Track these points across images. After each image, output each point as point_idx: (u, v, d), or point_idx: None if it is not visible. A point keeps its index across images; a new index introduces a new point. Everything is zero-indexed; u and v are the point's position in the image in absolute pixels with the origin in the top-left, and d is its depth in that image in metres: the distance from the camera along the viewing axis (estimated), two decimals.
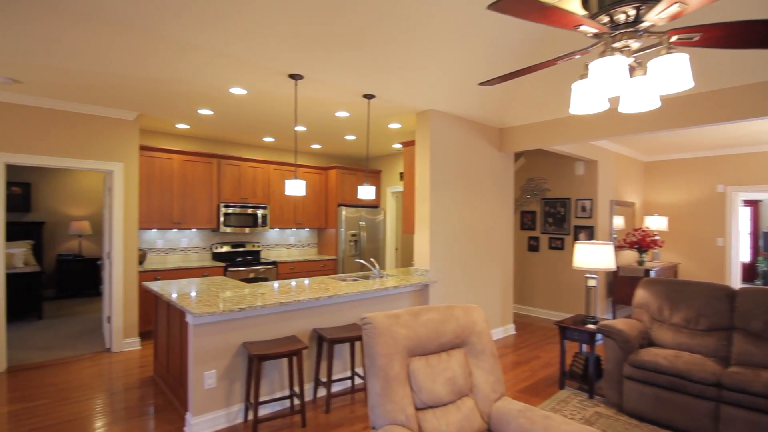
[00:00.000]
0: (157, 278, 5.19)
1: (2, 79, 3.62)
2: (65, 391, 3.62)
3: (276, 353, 2.89)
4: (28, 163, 4.18)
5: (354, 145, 6.66)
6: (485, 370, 2.25)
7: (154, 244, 5.73)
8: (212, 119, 5.05)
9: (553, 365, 4.44)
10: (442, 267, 4.63)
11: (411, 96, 4.08)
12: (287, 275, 6.42)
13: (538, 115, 4.80)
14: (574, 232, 6.30)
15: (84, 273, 7.84)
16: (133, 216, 4.80)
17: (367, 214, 7.25)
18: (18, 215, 7.49)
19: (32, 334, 5.35)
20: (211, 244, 6.23)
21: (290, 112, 4.71)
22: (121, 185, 4.71)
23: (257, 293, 3.43)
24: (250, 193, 6.29)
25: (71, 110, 4.39)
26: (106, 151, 4.62)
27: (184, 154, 5.64)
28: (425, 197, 4.50)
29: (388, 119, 5.01)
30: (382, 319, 2.07)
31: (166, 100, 4.24)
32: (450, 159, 4.71)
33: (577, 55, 1.78)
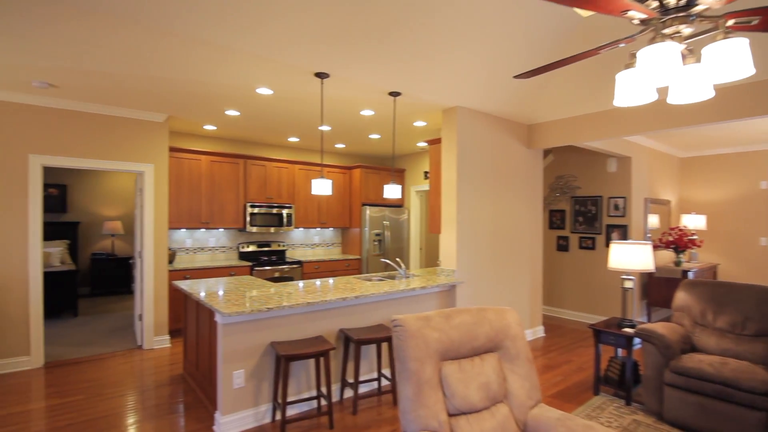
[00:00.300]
0: (186, 277, 5.27)
1: (39, 83, 3.73)
2: (99, 387, 3.71)
3: (304, 354, 2.87)
4: (64, 165, 4.31)
5: (378, 144, 6.62)
6: (520, 376, 2.16)
7: (183, 243, 5.83)
8: (239, 120, 5.09)
9: (586, 369, 4.28)
10: (469, 267, 4.53)
11: (437, 93, 4.00)
12: (312, 275, 6.43)
13: (569, 110, 4.64)
14: (606, 231, 6.08)
15: (116, 271, 8.08)
16: (163, 216, 4.89)
17: (391, 214, 7.20)
18: (55, 216, 7.77)
19: (68, 330, 5.53)
20: (238, 243, 6.30)
21: (315, 112, 4.70)
22: (151, 186, 4.80)
23: (284, 293, 3.43)
24: (275, 193, 6.33)
25: (104, 113, 4.50)
26: (137, 153, 4.72)
27: (211, 155, 5.72)
28: (452, 196, 4.41)
29: (413, 117, 4.94)
30: (413, 322, 2.01)
31: (195, 101, 4.30)
32: (477, 157, 4.61)
33: (622, 44, 1.68)
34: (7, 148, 4.04)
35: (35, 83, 3.72)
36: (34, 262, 4.14)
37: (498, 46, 3.41)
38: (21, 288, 4.09)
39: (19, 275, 4.08)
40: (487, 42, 3.33)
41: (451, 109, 4.43)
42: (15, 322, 4.07)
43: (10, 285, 4.04)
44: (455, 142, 4.39)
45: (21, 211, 4.10)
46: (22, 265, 4.09)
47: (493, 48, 3.42)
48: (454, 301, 4.39)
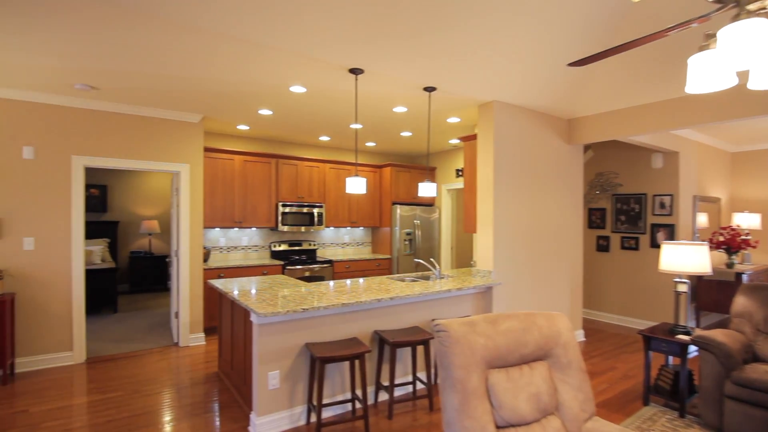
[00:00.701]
0: (220, 276, 5.33)
1: (81, 86, 3.82)
2: (137, 384, 3.76)
3: (339, 356, 2.81)
4: (104, 165, 4.41)
5: (409, 141, 6.51)
6: (573, 387, 2.01)
7: (217, 242, 5.90)
8: (271, 119, 5.10)
9: (633, 378, 4.04)
10: (505, 268, 4.36)
11: (474, 87, 3.85)
12: (343, 274, 6.39)
13: (614, 103, 4.39)
14: (651, 230, 5.76)
15: (153, 269, 8.30)
16: (198, 215, 4.95)
17: (421, 213, 7.08)
18: (96, 215, 8.05)
19: (108, 326, 5.69)
20: (270, 242, 6.33)
21: (347, 110, 4.64)
22: (187, 186, 4.87)
23: (317, 293, 3.37)
24: (306, 193, 6.32)
25: (142, 114, 4.58)
26: (173, 153, 4.79)
27: (244, 154, 5.76)
28: (488, 194, 4.26)
29: (447, 113, 4.81)
30: (458, 327, 1.90)
31: (229, 101, 4.31)
32: (514, 153, 4.43)
33: (695, 23, 1.51)
34: (52, 149, 4.17)
35: (77, 86, 3.81)
36: (76, 260, 4.26)
37: (540, 37, 3.24)
38: (64, 285, 4.22)
39: (62, 273, 4.21)
40: (528, 32, 3.17)
41: (487, 103, 4.27)
42: (59, 318, 4.20)
43: (54, 282, 4.16)
44: (492, 138, 4.23)
45: (64, 211, 4.22)
46: (65, 263, 4.22)
47: (535, 38, 3.25)
48: (490, 304, 4.23)
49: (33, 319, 4.08)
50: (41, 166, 4.13)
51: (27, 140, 4.07)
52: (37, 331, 4.10)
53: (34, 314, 4.09)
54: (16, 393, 3.54)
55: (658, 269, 5.65)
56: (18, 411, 3.21)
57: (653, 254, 5.72)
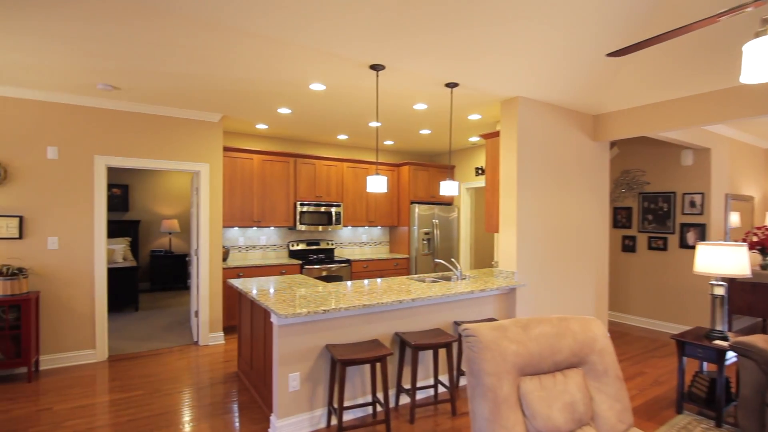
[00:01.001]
0: (239, 275, 5.33)
1: (103, 86, 3.85)
2: (158, 383, 3.77)
3: (361, 359, 2.74)
4: (126, 165, 4.44)
5: (428, 139, 6.41)
6: (609, 396, 1.90)
7: (236, 241, 5.91)
8: (290, 118, 5.07)
9: (664, 384, 3.87)
10: (529, 269, 4.24)
11: (498, 82, 3.74)
12: (361, 274, 6.33)
13: (645, 97, 4.22)
14: (680, 230, 5.54)
15: (173, 268, 8.39)
16: (217, 214, 4.95)
17: (440, 212, 6.97)
18: (118, 214, 8.18)
19: (130, 324, 5.76)
20: (288, 241, 6.32)
21: (366, 107, 4.57)
22: (207, 185, 4.87)
23: (336, 293, 3.32)
24: (324, 192, 6.29)
25: (162, 114, 4.60)
26: (193, 153, 4.80)
27: (263, 153, 5.75)
28: (511, 193, 4.14)
29: (469, 110, 4.70)
30: (488, 332, 1.81)
31: (248, 100, 4.29)
32: (538, 150, 4.30)
33: (750, 8, 1.39)
34: (75, 149, 4.21)
35: (100, 86, 3.84)
36: (99, 258, 4.30)
37: (571, 28, 3.12)
38: (87, 284, 4.26)
39: (85, 271, 4.25)
40: (559, 24, 3.05)
41: (511, 99, 4.15)
42: (82, 317, 4.24)
43: (77, 281, 4.21)
44: (515, 135, 4.11)
45: (87, 210, 4.27)
46: (88, 262, 4.26)
47: (566, 30, 3.13)
48: (513, 306, 4.12)
49: (57, 317, 4.13)
50: (65, 166, 4.17)
51: (51, 140, 4.12)
52: (61, 329, 4.15)
53: (58, 312, 4.14)
54: (40, 390, 3.58)
55: (687, 270, 5.44)
56: (42, 409, 3.24)
57: (683, 255, 5.51)
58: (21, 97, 3.97)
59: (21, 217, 3.96)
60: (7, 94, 3.91)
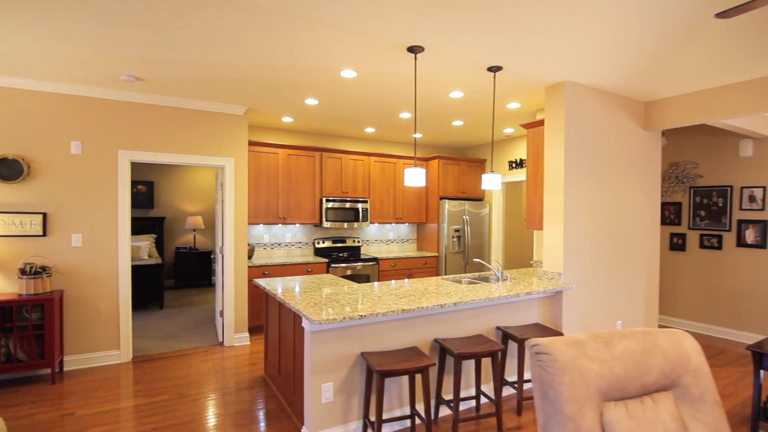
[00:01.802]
0: (264, 273, 5.15)
1: (127, 77, 3.69)
2: (183, 387, 3.61)
3: (401, 369, 2.49)
4: (150, 159, 4.30)
5: (460, 132, 6.10)
6: (708, 426, 1.59)
7: (261, 239, 5.74)
8: (317, 110, 4.84)
9: (731, 397, 3.49)
10: (576, 269, 3.90)
11: (545, 65, 3.41)
12: (388, 273, 6.08)
13: (704, 81, 3.81)
14: (738, 227, 5.08)
15: (198, 265, 8.32)
16: (243, 211, 4.77)
17: (471, 208, 6.65)
18: (143, 211, 8.15)
19: (155, 323, 5.66)
20: (314, 239, 6.11)
21: (397, 97, 4.30)
22: (232, 180, 4.70)
23: (371, 295, 3.07)
24: (350, 187, 6.05)
25: (187, 107, 4.44)
26: (218, 147, 4.62)
27: (288, 148, 5.55)
28: (558, 187, 3.81)
29: (507, 98, 4.37)
30: (564, 349, 1.53)
31: (275, 90, 4.08)
32: (586, 141, 3.95)
33: None
34: (99, 144, 4.08)
35: (123, 76, 3.68)
36: (123, 256, 4.17)
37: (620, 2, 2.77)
38: (111, 282, 4.14)
39: (110, 269, 4.13)
40: None
41: (557, 85, 3.81)
42: (106, 316, 4.12)
43: (101, 279, 4.09)
44: (562, 124, 3.77)
45: (111, 207, 4.14)
46: (112, 259, 4.14)
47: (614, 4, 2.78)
48: (560, 309, 3.79)
49: (81, 316, 4.02)
50: (88, 161, 4.05)
51: (74, 135, 4.00)
52: (85, 329, 4.04)
53: (82, 312, 4.03)
54: (64, 393, 3.46)
55: (746, 271, 4.98)
56: (66, 413, 3.11)
57: (740, 254, 5.05)
58: (44, 90, 3.85)
59: (45, 214, 3.85)
60: (29, 87, 3.80)
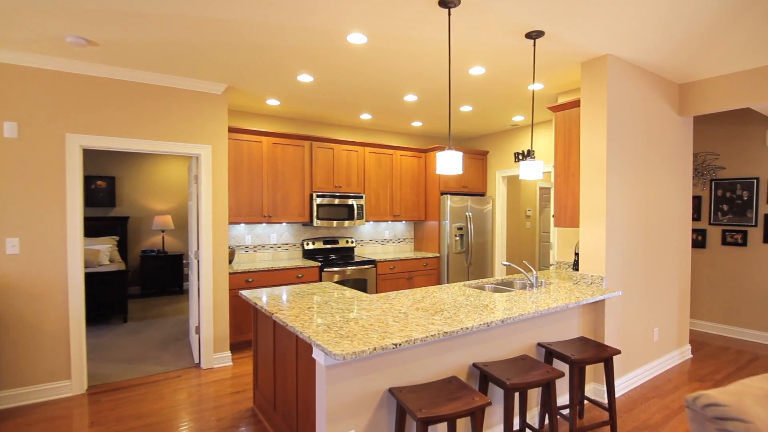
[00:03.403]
0: (248, 280, 4.44)
1: (74, 38, 2.92)
2: (152, 427, 2.88)
3: (449, 414, 1.88)
4: (108, 146, 3.52)
5: (465, 120, 5.54)
6: None
7: (242, 240, 5.01)
8: (310, 89, 4.16)
9: None
10: (618, 272, 3.40)
11: (590, 33, 2.88)
12: (387, 277, 5.46)
13: (747, 61, 3.37)
14: (765, 222, 4.74)
15: (168, 270, 7.46)
16: (222, 208, 4.05)
17: (473, 204, 6.12)
18: (103, 210, 7.23)
19: (117, 341, 4.84)
20: (302, 240, 5.43)
21: (409, 74, 3.68)
22: (209, 172, 3.96)
23: (397, 312, 2.45)
24: (344, 181, 5.40)
25: (153, 83, 3.68)
26: (192, 132, 3.88)
27: (274, 135, 4.84)
28: (599, 177, 3.29)
29: (531, 77, 3.83)
30: (764, 412, 0.96)
31: (262, 63, 3.39)
32: (627, 126, 3.45)
33: None
34: (41, 126, 3.29)
35: (69, 38, 2.91)
36: (74, 263, 3.39)
37: None
38: (59, 296, 3.35)
39: (56, 280, 3.34)
40: None
41: (597, 59, 3.29)
42: (53, 338, 3.33)
43: (47, 293, 3.30)
44: (604, 105, 3.25)
45: (58, 203, 3.35)
46: (60, 268, 3.35)
47: None
48: (601, 319, 3.28)
49: (18, 340, 3.22)
50: (27, 147, 3.25)
51: (8, 114, 3.19)
52: (25, 356, 3.24)
53: (20, 334, 3.23)
54: None
55: None
56: None
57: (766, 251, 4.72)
58: None
59: None
60: None
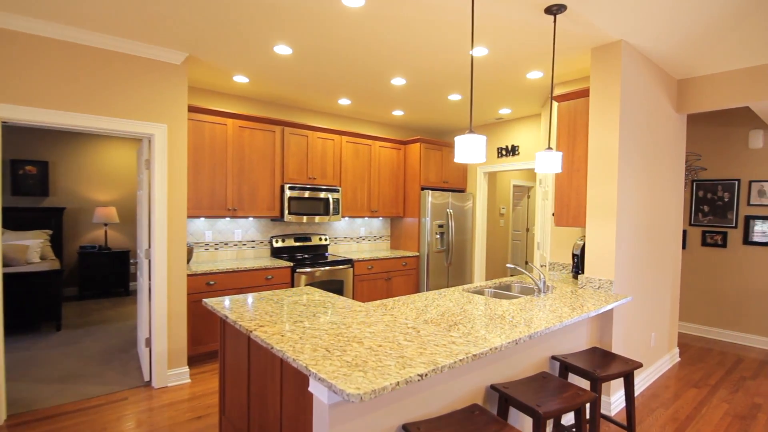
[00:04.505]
0: (209, 283, 3.86)
1: None
2: None
3: None
4: (36, 120, 2.85)
5: (451, 110, 5.20)
6: None
7: (202, 236, 4.40)
8: (286, 64, 3.64)
9: None
10: (626, 275, 3.17)
11: (610, 13, 2.58)
12: (365, 277, 5.03)
13: (758, 55, 3.24)
14: (745, 224, 4.75)
15: (111, 268, 6.62)
16: (179, 199, 3.46)
17: (454, 200, 5.81)
18: (34, 200, 6.29)
19: (47, 354, 4.11)
20: (271, 236, 4.88)
21: (405, 50, 3.27)
22: (163, 156, 3.36)
23: (408, 330, 2.04)
24: (318, 172, 4.90)
25: (94, 45, 3.03)
26: (144, 108, 3.26)
27: (241, 118, 4.27)
28: (610, 174, 3.03)
29: (532, 64, 3.53)
30: None
31: (232, 29, 2.85)
32: (637, 119, 3.22)
33: None
34: None
35: None
36: None
37: None
38: None
39: None
40: None
41: (612, 45, 3.02)
42: None
43: None
44: (617, 94, 2.99)
45: None
46: None
47: None
48: (609, 326, 3.04)
49: None
50: None
51: None
52: None
53: None
54: None
55: (752, 270, 4.65)
56: None
57: (747, 252, 4.72)
58: None
59: None
60: None
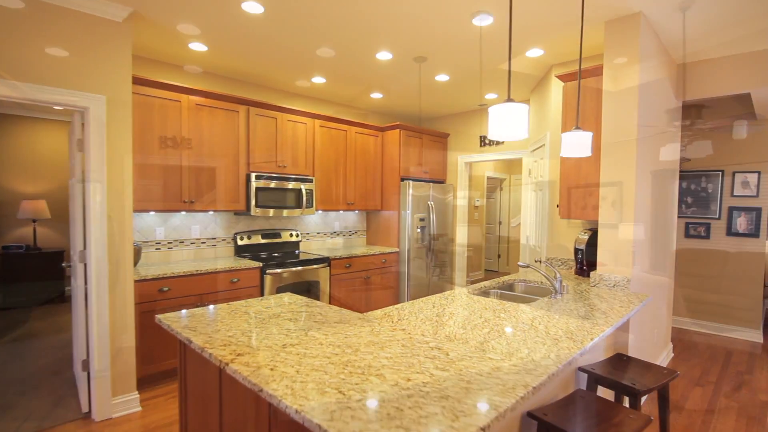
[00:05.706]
0: (162, 290, 3.25)
1: None
2: None
3: None
4: None
5: (437, 93, 4.79)
6: None
7: (151, 234, 3.75)
8: (255, 27, 3.08)
9: None
10: (644, 272, 2.91)
11: None
12: (342, 277, 4.55)
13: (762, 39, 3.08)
14: (729, 215, 4.71)
15: (41, 271, 5.72)
16: (123, 189, 2.83)
17: (435, 192, 5.44)
18: None
19: None
20: (235, 233, 4.28)
21: (401, 12, 2.81)
22: (101, 134, 2.71)
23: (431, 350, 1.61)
24: (289, 160, 4.35)
25: None
26: (76, 73, 2.60)
27: (199, 94, 3.64)
28: (627, 160, 2.74)
29: (533, 40, 3.18)
30: None
31: None
32: (651, 101, 2.96)
33: None
34: None
35: None
36: None
37: None
38: None
39: None
40: None
41: (630, 17, 2.71)
42: None
43: None
44: (636, 73, 2.69)
45: None
46: None
47: None
48: (626, 327, 2.76)
49: None
50: None
51: None
52: None
53: None
54: None
55: (735, 262, 4.63)
56: None
57: (730, 243, 4.69)
58: None
59: None
60: None
